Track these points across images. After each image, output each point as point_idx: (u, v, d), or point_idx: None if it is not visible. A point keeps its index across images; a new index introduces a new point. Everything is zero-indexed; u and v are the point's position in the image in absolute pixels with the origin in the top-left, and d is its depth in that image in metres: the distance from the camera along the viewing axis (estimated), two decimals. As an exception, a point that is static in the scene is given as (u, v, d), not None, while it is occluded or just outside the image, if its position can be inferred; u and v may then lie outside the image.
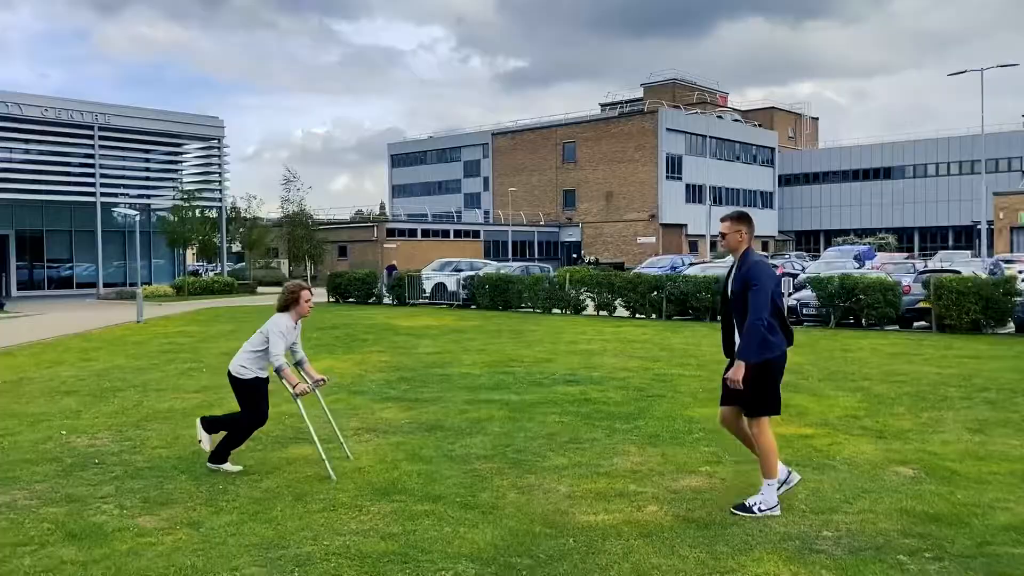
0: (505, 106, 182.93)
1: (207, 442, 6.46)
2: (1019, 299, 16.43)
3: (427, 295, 28.17)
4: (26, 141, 34.05)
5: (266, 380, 6.44)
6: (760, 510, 5.19)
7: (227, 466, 6.43)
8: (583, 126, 69.55)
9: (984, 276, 18.50)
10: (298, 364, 6.59)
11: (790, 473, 5.42)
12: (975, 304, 16.49)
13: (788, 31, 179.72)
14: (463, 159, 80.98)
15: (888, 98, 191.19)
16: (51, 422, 8.33)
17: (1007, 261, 31.91)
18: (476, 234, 64.02)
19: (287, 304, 6.39)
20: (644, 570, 4.33)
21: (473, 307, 25.46)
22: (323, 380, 6.62)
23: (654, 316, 21.01)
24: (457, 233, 63.00)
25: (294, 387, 6.19)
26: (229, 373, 6.49)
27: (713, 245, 61.71)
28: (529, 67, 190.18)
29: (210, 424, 6.52)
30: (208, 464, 6.43)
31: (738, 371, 5.17)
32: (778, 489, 5.29)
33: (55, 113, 33.40)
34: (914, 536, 4.79)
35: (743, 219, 5.44)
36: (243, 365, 6.37)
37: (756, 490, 5.32)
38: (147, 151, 38.29)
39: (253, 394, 6.40)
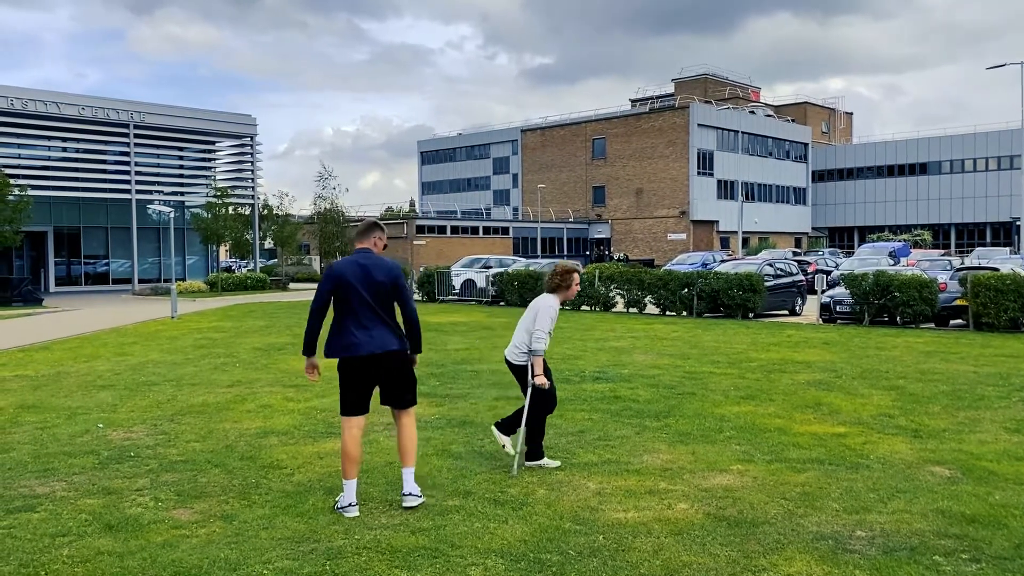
0: (532, 103, 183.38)
1: (510, 445, 6.26)
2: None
3: (456, 291, 28.25)
4: (63, 139, 34.71)
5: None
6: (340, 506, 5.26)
7: (545, 461, 6.27)
8: (613, 122, 69.18)
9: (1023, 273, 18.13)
10: None
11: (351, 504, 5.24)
12: (1014, 302, 16.19)
13: (817, 27, 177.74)
14: (492, 156, 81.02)
15: (921, 93, 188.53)
16: (88, 415, 8.47)
17: (1047, 258, 31.26)
18: (505, 231, 64.07)
19: (556, 286, 6.20)
20: (675, 568, 4.30)
21: (502, 303, 25.48)
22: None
23: (684, 313, 20.87)
24: (486, 230, 63.08)
25: (535, 376, 6.02)
26: (507, 361, 6.28)
27: (745, 242, 61.21)
28: (555, 64, 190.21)
29: (505, 426, 6.30)
30: (526, 463, 6.23)
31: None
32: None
33: (91, 112, 33.96)
34: (950, 537, 4.71)
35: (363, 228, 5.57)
36: (522, 352, 6.12)
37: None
38: (181, 149, 38.82)
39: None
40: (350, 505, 5.22)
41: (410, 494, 5.34)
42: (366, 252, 5.42)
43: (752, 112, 73.20)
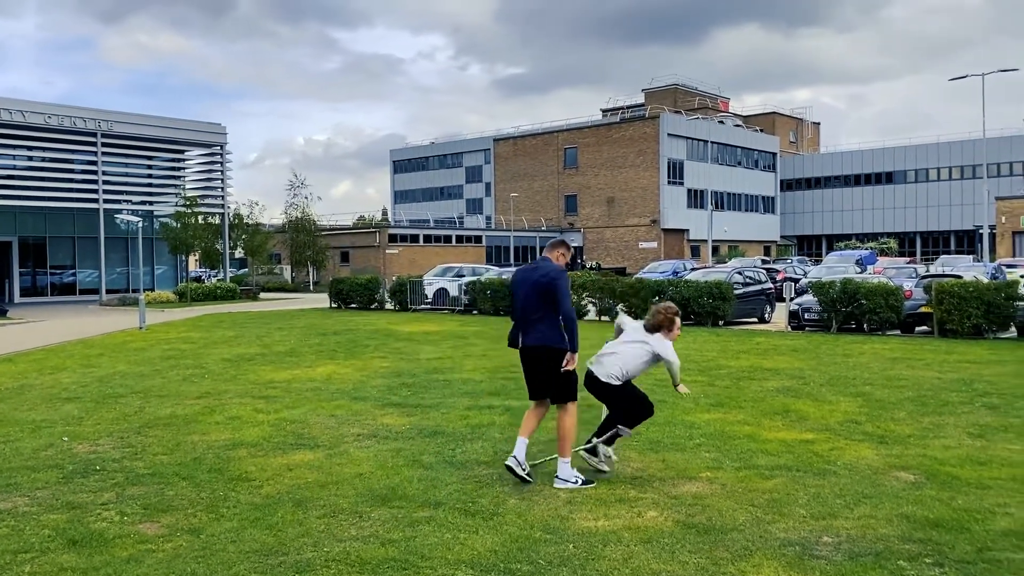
0: (504, 112, 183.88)
1: (612, 451, 6.48)
2: (1021, 304, 16.39)
3: (429, 300, 28.18)
4: (29, 148, 34.19)
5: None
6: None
7: (598, 461, 6.42)
8: (584, 131, 69.59)
9: (986, 281, 18.48)
10: None
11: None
12: (977, 309, 16.48)
13: (783, 38, 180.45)
14: (465, 165, 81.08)
15: (887, 104, 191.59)
16: (53, 428, 8.34)
17: (1009, 266, 31.89)
18: (478, 239, 64.07)
19: (659, 325, 6.35)
20: (644, 576, 4.33)
21: (475, 312, 25.46)
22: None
23: (656, 321, 20.96)
24: (459, 238, 63.05)
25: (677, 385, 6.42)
26: (598, 381, 6.40)
27: (715, 250, 61.71)
28: (527, 74, 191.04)
29: (606, 439, 6.43)
30: (582, 449, 6.46)
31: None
32: None
33: (58, 120, 33.48)
34: (915, 542, 4.78)
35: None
36: (616, 377, 6.33)
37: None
38: (150, 158, 38.39)
39: (632, 391, 6.41)
40: (511, 455, 6.02)
41: (558, 477, 5.96)
42: (543, 259, 6.19)
43: (721, 122, 73.96)
